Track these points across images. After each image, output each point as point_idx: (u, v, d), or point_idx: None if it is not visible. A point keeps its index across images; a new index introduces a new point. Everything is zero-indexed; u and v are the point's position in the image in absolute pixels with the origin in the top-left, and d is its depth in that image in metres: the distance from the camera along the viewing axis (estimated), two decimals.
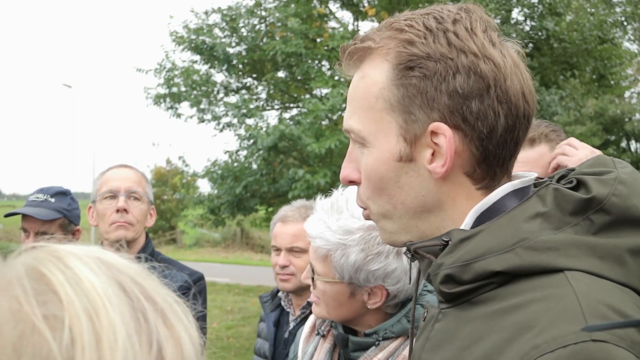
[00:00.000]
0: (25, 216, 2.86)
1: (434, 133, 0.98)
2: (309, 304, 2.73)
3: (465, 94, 0.96)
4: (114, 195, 2.64)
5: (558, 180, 1.06)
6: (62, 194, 2.97)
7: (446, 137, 0.97)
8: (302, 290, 2.79)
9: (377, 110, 1.02)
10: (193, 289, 2.72)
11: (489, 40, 0.99)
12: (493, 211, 1.00)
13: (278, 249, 2.82)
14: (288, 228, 2.79)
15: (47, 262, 0.59)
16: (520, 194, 1.03)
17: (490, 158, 1.00)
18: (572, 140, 2.08)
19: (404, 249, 1.13)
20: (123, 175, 2.71)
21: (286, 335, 2.84)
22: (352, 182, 1.11)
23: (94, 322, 0.55)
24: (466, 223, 1.01)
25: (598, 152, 1.95)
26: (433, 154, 1.00)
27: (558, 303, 0.86)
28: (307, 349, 1.91)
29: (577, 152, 1.99)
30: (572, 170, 1.07)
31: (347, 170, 1.11)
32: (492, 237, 0.95)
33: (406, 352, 1.59)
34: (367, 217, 1.13)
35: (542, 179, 1.10)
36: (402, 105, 0.99)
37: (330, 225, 1.65)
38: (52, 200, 2.90)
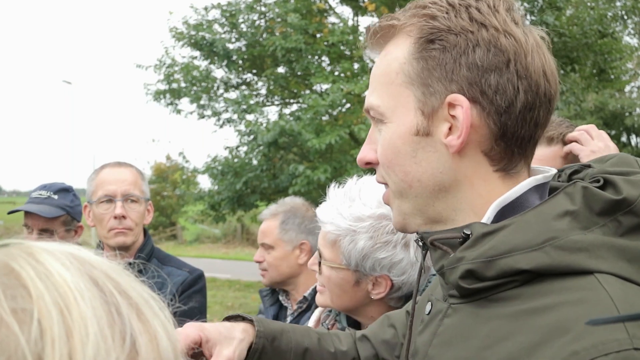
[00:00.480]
0: (28, 213, 2.85)
1: (451, 105, 0.97)
2: (305, 299, 2.75)
3: (485, 67, 0.96)
4: (110, 200, 2.60)
5: (570, 175, 1.05)
6: (64, 190, 2.96)
7: (463, 107, 0.96)
8: (279, 284, 2.87)
9: (397, 85, 1.01)
10: (194, 287, 2.72)
11: (511, 18, 0.98)
12: (516, 206, 0.98)
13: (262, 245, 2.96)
14: (262, 225, 2.91)
15: (19, 257, 0.59)
16: (541, 190, 1.01)
17: (508, 135, 0.98)
18: (591, 128, 2.03)
19: (414, 238, 1.11)
20: (119, 177, 2.65)
21: None
22: (368, 164, 1.09)
23: (64, 315, 0.55)
24: (487, 217, 0.98)
25: (613, 146, 1.92)
26: (450, 129, 0.98)
27: (593, 307, 0.83)
28: None
29: (591, 143, 1.96)
30: (587, 166, 1.05)
31: (364, 152, 1.09)
32: (519, 233, 0.92)
33: None
34: (387, 200, 1.10)
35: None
36: (420, 78, 0.99)
37: (342, 212, 1.67)
38: (55, 197, 2.88)
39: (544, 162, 2.13)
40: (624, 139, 28.27)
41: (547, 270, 0.89)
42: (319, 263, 1.78)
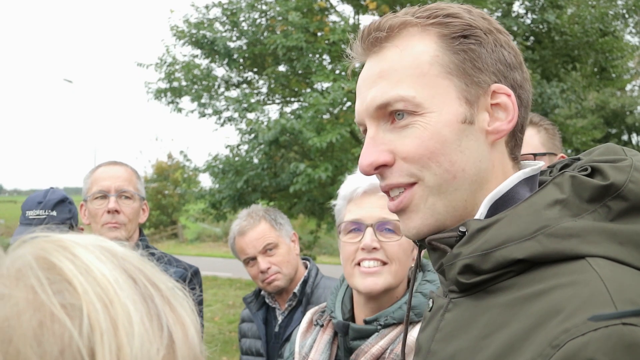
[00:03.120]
0: None
1: (494, 94, 1.03)
2: (295, 295, 2.76)
3: (511, 65, 1.05)
4: (104, 195, 2.62)
5: (561, 169, 1.08)
6: (60, 202, 2.88)
7: (510, 95, 1.03)
8: (292, 280, 2.85)
9: (432, 76, 1.02)
10: (194, 279, 2.74)
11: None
12: (507, 199, 1.02)
13: (252, 259, 2.83)
14: (250, 236, 2.80)
15: (55, 251, 0.60)
16: (530, 182, 1.05)
17: (522, 127, 1.08)
18: None
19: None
20: (113, 173, 2.67)
21: (276, 329, 2.87)
22: (379, 168, 1.06)
23: (108, 309, 0.56)
24: (481, 212, 1.02)
25: None
26: (490, 117, 1.04)
27: (584, 288, 0.86)
28: (304, 342, 1.90)
29: None
30: (577, 159, 1.08)
31: (372, 155, 1.05)
32: (511, 225, 0.95)
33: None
34: (409, 202, 1.05)
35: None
36: (462, 69, 1.02)
37: None
38: (55, 213, 2.82)
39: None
40: (624, 137, 28.27)
41: (540, 258, 0.92)
42: (376, 233, 1.71)
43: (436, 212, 1.04)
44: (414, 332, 1.62)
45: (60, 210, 2.85)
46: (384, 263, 1.71)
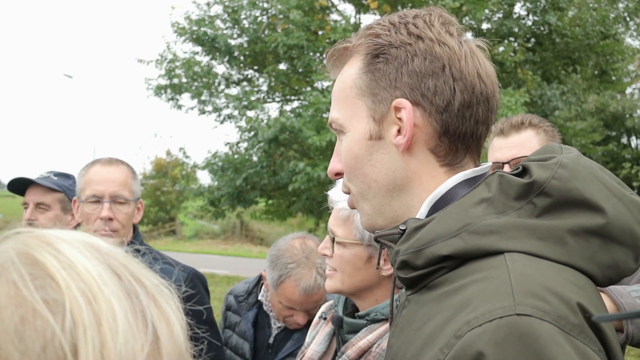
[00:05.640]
0: (27, 189, 2.91)
1: (397, 109, 1.08)
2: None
3: (423, 73, 1.07)
4: (97, 200, 2.54)
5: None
6: (65, 175, 3.04)
7: (406, 109, 1.07)
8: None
9: (351, 98, 1.13)
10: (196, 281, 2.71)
11: (446, 30, 1.11)
12: (446, 199, 1.08)
13: (292, 308, 2.53)
14: (302, 295, 2.48)
15: (38, 247, 0.60)
16: (473, 182, 1.10)
17: (450, 132, 1.08)
18: None
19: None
20: (108, 176, 2.58)
21: (271, 340, 2.70)
22: (338, 175, 1.19)
23: (92, 305, 0.55)
24: (421, 212, 1.09)
25: None
26: (399, 131, 1.08)
27: (492, 282, 0.91)
28: (312, 334, 1.98)
29: None
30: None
31: (332, 163, 1.20)
32: (441, 223, 1.01)
33: None
34: (351, 205, 1.20)
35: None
36: (369, 89, 1.11)
37: None
38: (55, 178, 2.97)
39: (518, 148, 2.36)
40: (624, 140, 28.29)
41: (463, 254, 0.97)
42: (332, 242, 1.80)
43: (366, 213, 1.16)
44: None
45: (62, 179, 2.98)
46: (335, 269, 1.82)
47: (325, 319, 1.96)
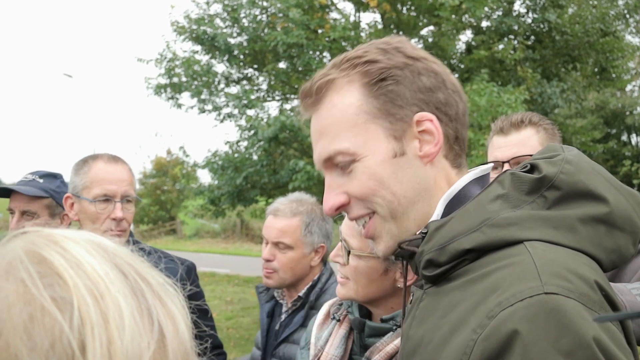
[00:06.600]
0: (11, 195, 2.80)
1: (418, 122, 1.16)
2: (300, 297, 2.68)
3: (432, 88, 1.17)
4: (107, 199, 2.46)
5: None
6: (51, 176, 2.91)
7: (432, 120, 1.16)
8: (287, 285, 2.73)
9: (361, 124, 1.16)
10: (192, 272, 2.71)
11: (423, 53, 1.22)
12: (460, 198, 1.18)
13: (266, 241, 2.75)
14: (277, 222, 2.70)
15: (45, 246, 0.60)
16: (482, 181, 1.21)
17: (459, 137, 1.21)
18: None
19: None
20: (118, 175, 2.50)
21: (277, 327, 2.79)
22: (339, 209, 1.22)
23: (99, 303, 0.56)
24: (437, 213, 1.17)
25: None
26: (420, 143, 1.17)
27: (517, 267, 0.98)
28: (321, 334, 1.94)
29: None
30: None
31: (330, 200, 1.22)
32: (461, 221, 1.09)
33: None
34: (373, 230, 1.21)
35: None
36: (384, 111, 1.16)
37: None
38: (40, 180, 2.84)
39: (518, 146, 2.37)
40: (624, 137, 28.28)
41: (485, 246, 1.05)
42: (348, 253, 1.77)
43: (394, 235, 1.20)
44: None
45: (48, 181, 2.86)
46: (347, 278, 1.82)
47: (338, 320, 1.91)
